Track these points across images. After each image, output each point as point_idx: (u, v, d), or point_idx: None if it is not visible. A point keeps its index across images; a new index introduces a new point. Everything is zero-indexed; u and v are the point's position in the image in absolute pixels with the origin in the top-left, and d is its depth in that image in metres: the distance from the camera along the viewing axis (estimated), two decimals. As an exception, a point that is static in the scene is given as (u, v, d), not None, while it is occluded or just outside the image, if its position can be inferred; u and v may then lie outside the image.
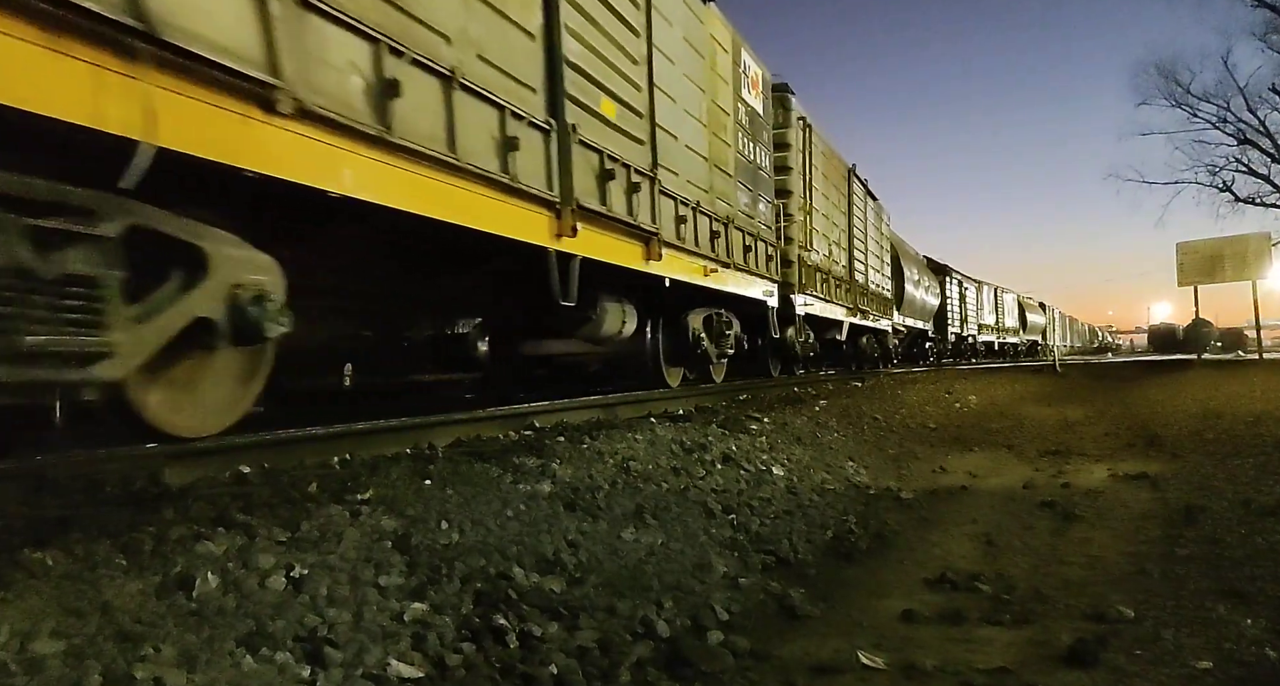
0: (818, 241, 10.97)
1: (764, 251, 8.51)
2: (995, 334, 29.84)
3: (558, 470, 2.77)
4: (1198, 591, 2.16)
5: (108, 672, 1.24)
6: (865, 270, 14.27)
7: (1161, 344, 40.99)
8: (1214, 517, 3.00)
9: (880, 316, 15.41)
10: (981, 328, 27.65)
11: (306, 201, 2.88)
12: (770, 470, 3.70)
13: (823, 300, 11.02)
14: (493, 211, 3.79)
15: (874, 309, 14.80)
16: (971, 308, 26.40)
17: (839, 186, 12.79)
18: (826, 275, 11.37)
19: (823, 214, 11.48)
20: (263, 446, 2.80)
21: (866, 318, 13.99)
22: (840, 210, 12.76)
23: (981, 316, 27.86)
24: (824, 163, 11.64)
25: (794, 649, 1.84)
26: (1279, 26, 24.78)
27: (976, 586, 2.28)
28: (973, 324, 26.26)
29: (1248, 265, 16.20)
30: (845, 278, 12.72)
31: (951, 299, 23.90)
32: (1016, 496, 3.76)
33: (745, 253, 7.88)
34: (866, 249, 14.59)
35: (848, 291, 12.70)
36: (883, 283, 16.21)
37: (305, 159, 2.75)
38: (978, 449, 5.58)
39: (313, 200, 2.88)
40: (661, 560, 2.26)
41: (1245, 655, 1.71)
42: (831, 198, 12.11)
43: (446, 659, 1.54)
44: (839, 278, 12.18)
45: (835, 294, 11.79)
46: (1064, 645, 1.78)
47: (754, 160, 8.50)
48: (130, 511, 1.86)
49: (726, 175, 7.51)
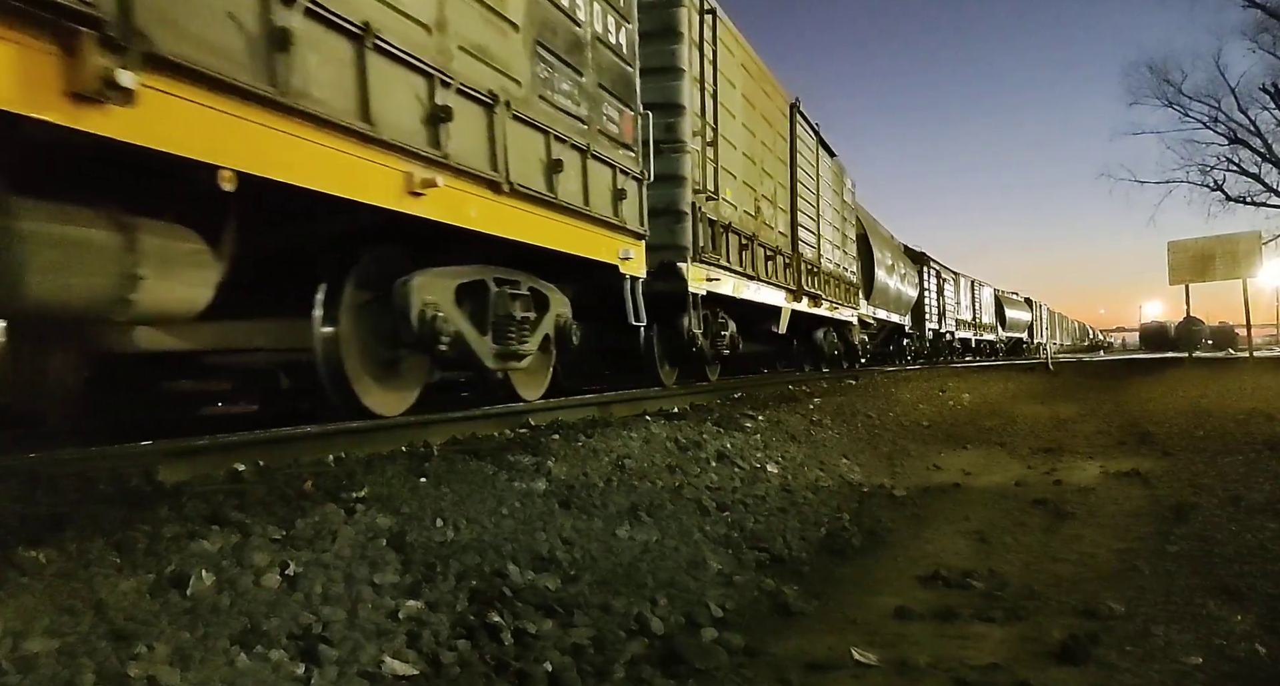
0: (731, 188, 7.84)
1: (608, 182, 5.29)
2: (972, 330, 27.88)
3: (553, 468, 2.77)
4: (1188, 588, 2.17)
5: (101, 671, 1.24)
6: (817, 243, 11.23)
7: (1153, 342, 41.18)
8: (1205, 515, 3.01)
9: (841, 304, 12.59)
10: (959, 323, 25.75)
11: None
12: (764, 467, 3.70)
13: (741, 275, 8.01)
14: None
15: (831, 294, 11.88)
16: (950, 301, 24.58)
17: (772, 121, 9.44)
18: (749, 241, 8.22)
19: (741, 151, 8.20)
20: (257, 444, 2.80)
21: (818, 304, 10.99)
22: (777, 157, 9.60)
23: (959, 311, 25.96)
24: (743, 78, 8.34)
25: (788, 646, 1.84)
26: (1269, 27, 24.92)
27: (969, 583, 2.30)
28: (950, 319, 24.43)
29: (1238, 264, 16.29)
30: (785, 250, 9.68)
31: (929, 291, 21.84)
32: (1009, 494, 3.77)
33: (551, 173, 4.53)
34: (819, 216, 11.48)
35: (788, 268, 9.74)
36: (845, 263, 13.34)
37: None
38: (971, 446, 5.60)
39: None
40: (656, 557, 2.27)
41: (1235, 651, 1.73)
42: (759, 133, 8.88)
43: (441, 656, 1.55)
44: (773, 248, 9.06)
45: (767, 270, 8.85)
46: (1056, 641, 1.79)
47: (594, 31, 5.19)
48: (124, 509, 1.86)
49: (500, 22, 4.17)
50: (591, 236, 5.17)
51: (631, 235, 5.73)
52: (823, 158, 12.03)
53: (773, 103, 9.60)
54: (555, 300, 5.01)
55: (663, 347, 6.96)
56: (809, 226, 10.94)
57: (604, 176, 5.33)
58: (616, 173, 5.47)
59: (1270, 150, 26.55)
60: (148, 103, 2.31)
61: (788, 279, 9.71)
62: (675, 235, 6.71)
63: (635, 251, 5.74)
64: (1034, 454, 5.17)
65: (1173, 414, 6.85)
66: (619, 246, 5.52)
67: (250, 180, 2.65)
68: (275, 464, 2.60)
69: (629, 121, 5.72)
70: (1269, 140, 26.50)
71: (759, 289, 8.60)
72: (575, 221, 4.93)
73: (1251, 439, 4.91)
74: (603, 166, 5.28)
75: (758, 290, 8.54)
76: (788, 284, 9.66)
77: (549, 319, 4.90)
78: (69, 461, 2.41)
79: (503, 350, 4.41)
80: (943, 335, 23.43)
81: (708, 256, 7.00)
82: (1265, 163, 26.83)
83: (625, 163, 5.59)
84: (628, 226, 5.62)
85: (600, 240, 5.29)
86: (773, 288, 9.02)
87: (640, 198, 5.90)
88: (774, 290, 9.07)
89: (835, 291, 12.24)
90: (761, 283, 8.65)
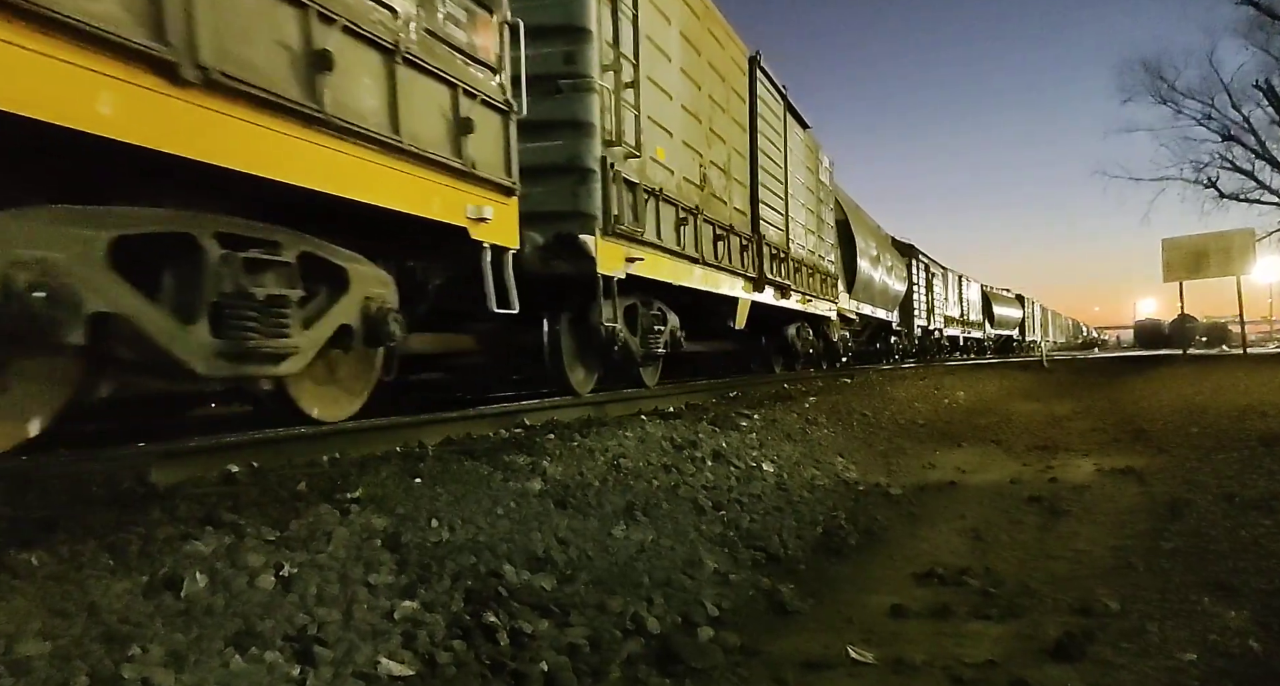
0: (664, 147, 6.22)
1: (442, 105, 3.72)
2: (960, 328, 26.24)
3: (548, 468, 2.76)
4: (1183, 584, 2.18)
5: (95, 673, 1.23)
6: (785, 225, 9.60)
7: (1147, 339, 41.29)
8: (1199, 511, 3.02)
9: (817, 297, 10.96)
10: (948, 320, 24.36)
11: None
12: (760, 467, 3.71)
13: (679, 257, 6.36)
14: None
15: (804, 285, 10.25)
16: (939, 297, 23.08)
17: (724, 74, 7.74)
18: (691, 215, 6.59)
19: (680, 104, 6.56)
20: (251, 445, 2.78)
21: (786, 296, 9.31)
22: (732, 119, 7.99)
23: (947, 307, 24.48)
24: (681, 12, 6.72)
25: (784, 644, 1.84)
26: (1262, 24, 24.99)
27: (965, 581, 2.30)
28: (939, 316, 23.00)
29: (1232, 261, 16.35)
30: (743, 230, 8.02)
31: (919, 285, 20.33)
32: (1004, 492, 3.78)
33: (313, 70, 2.96)
34: (788, 194, 9.79)
35: (746, 251, 8.03)
36: (822, 251, 11.62)
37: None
38: (966, 444, 5.61)
39: None
40: (652, 557, 2.27)
41: (1230, 647, 1.73)
42: (706, 85, 7.19)
43: (437, 657, 1.54)
44: (725, 226, 7.40)
45: (718, 252, 7.22)
46: (1051, 638, 1.79)
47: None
48: (117, 511, 1.85)
49: None
50: (408, 181, 3.45)
51: (491, 187, 3.98)
52: (793, 128, 10.27)
53: (725, 52, 7.83)
54: (360, 277, 3.47)
55: (574, 346, 5.42)
56: (775, 204, 9.14)
57: (435, 96, 3.64)
58: (459, 94, 3.76)
59: (1264, 147, 26.64)
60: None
61: (747, 264, 8.00)
62: (577, 199, 4.98)
63: (498, 211, 3.99)
64: (1029, 451, 5.19)
65: (1167, 411, 6.87)
66: (465, 201, 3.81)
67: None
68: (269, 465, 2.59)
69: (487, 29, 4.10)
70: (1262, 137, 26.60)
71: (707, 275, 6.93)
72: (370, 152, 3.21)
73: (1246, 435, 4.92)
74: (433, 81, 3.61)
75: (705, 276, 6.90)
76: (746, 270, 7.97)
77: (346, 303, 3.37)
78: (61, 463, 2.40)
79: (233, 347, 2.83)
80: (931, 333, 22.09)
81: (626, 229, 5.25)
82: (1259, 160, 26.93)
83: (477, 83, 3.90)
84: (479, 173, 3.85)
85: (427, 189, 3.56)
86: (726, 274, 7.42)
87: (506, 137, 4.16)
88: (728, 277, 7.48)
89: (809, 282, 10.53)
90: (710, 267, 6.99)
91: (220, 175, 2.66)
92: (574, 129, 5.06)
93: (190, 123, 2.50)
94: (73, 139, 2.21)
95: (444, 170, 3.67)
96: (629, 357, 5.87)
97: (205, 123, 2.54)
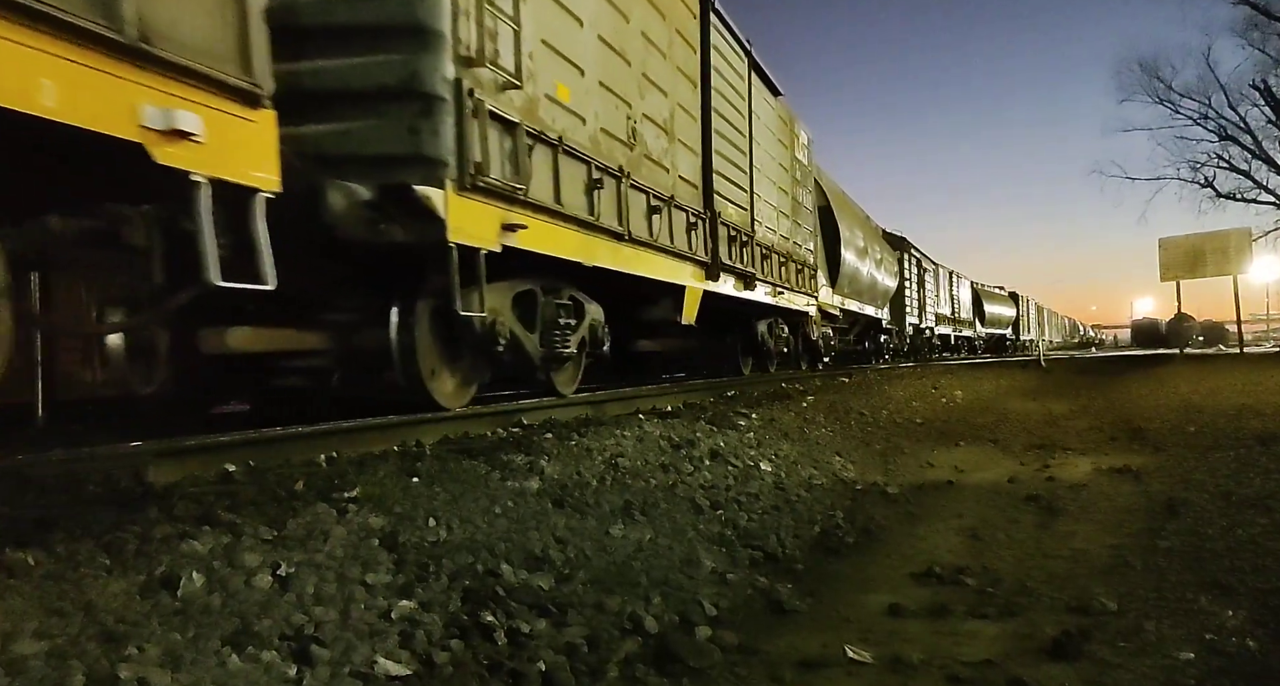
0: (568, 84, 4.71)
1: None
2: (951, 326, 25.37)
3: (546, 467, 2.76)
4: (1179, 583, 2.18)
5: (91, 673, 1.23)
6: (750, 204, 8.18)
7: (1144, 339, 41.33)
8: (1195, 510, 3.03)
9: (792, 290, 9.65)
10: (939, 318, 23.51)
11: None
12: (758, 466, 3.71)
13: (589, 229, 4.88)
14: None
15: (774, 276, 8.93)
16: (930, 293, 22.11)
17: (664, 9, 6.25)
18: (615, 178, 5.20)
19: (594, 31, 5.04)
20: (248, 444, 2.78)
21: (751, 286, 7.98)
22: (676, 69, 6.47)
23: (939, 305, 23.58)
24: None
25: (781, 643, 1.84)
26: (1259, 24, 25.04)
27: (962, 580, 2.30)
28: (930, 313, 22.05)
29: (1229, 260, 16.38)
30: (691, 205, 6.61)
31: (910, 281, 19.28)
32: (1002, 491, 3.79)
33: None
34: (751, 166, 8.29)
35: (694, 230, 6.60)
36: (797, 237, 10.21)
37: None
38: (964, 444, 5.62)
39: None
40: (650, 556, 2.27)
41: (1226, 646, 1.73)
42: (636, 17, 5.68)
43: (434, 656, 1.54)
44: (663, 197, 5.95)
45: (654, 228, 5.76)
46: (1048, 637, 1.80)
47: None
48: (114, 510, 1.85)
49: None
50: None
51: (202, 82, 2.48)
52: (760, 92, 8.89)
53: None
54: None
55: (436, 346, 4.12)
56: (735, 178, 7.75)
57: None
58: None
59: (1260, 147, 26.70)
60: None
61: (696, 246, 6.61)
62: (417, 138, 3.54)
63: (222, 128, 2.54)
64: (1026, 450, 5.19)
65: (1164, 410, 6.88)
66: (136, 97, 2.28)
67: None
68: (266, 464, 2.59)
69: None
70: (1259, 137, 26.66)
71: (637, 255, 5.50)
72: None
73: (1242, 434, 4.93)
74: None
75: (635, 257, 5.46)
76: (695, 253, 6.59)
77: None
78: (58, 462, 2.39)
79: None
80: (923, 331, 21.17)
81: (500, 184, 3.85)
82: (1255, 159, 26.99)
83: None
84: (166, 53, 2.33)
85: (29, 63, 2.00)
86: (666, 257, 5.99)
87: (240, 4, 2.62)
88: (668, 260, 6.04)
89: (781, 272, 9.27)
90: (642, 247, 5.56)
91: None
92: (410, 37, 3.54)
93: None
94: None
95: (65, 34, 2.06)
96: (523, 361, 4.65)
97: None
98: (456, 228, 3.63)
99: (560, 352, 4.91)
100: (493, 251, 3.91)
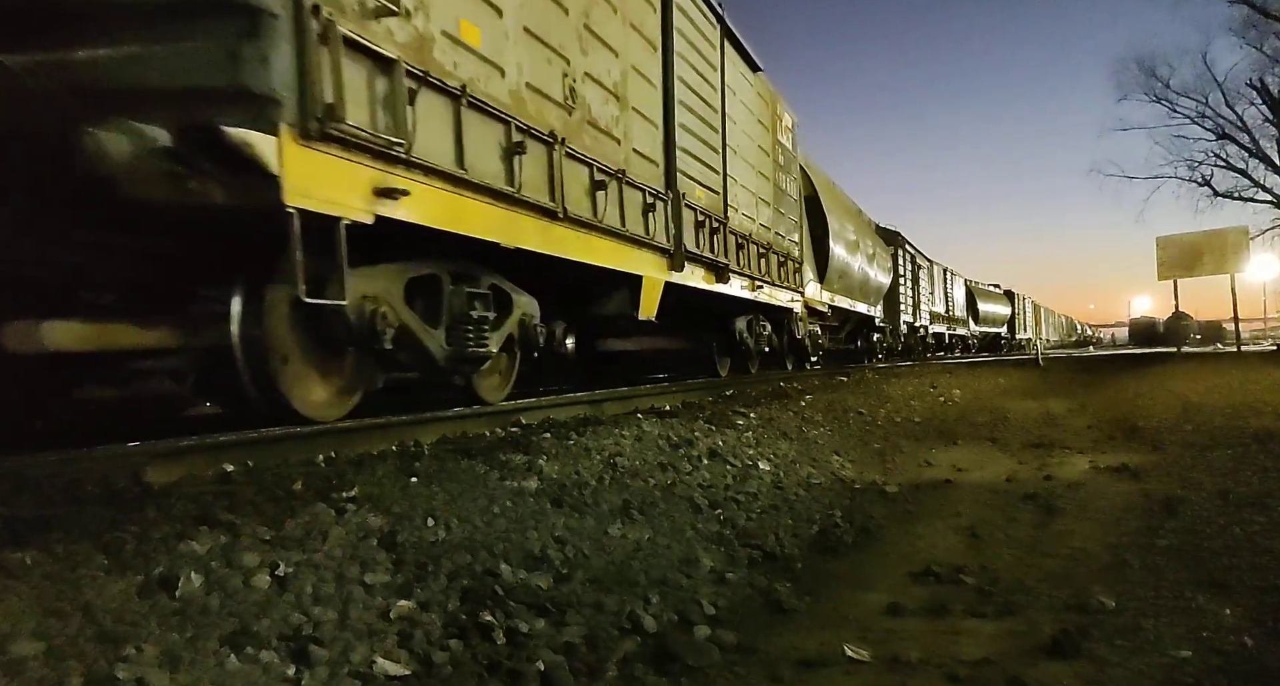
0: (470, 19, 3.80)
1: None
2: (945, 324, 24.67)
3: (544, 467, 2.76)
4: (1177, 581, 2.18)
5: (89, 673, 1.23)
6: (723, 187, 7.38)
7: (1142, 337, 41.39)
8: (1193, 509, 3.03)
9: (773, 284, 8.90)
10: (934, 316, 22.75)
11: None
12: (756, 465, 3.71)
13: (508, 202, 4.08)
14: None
15: (753, 268, 8.19)
16: (925, 291, 21.46)
17: None
18: (538, 143, 4.37)
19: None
20: (246, 444, 2.78)
21: (723, 279, 7.20)
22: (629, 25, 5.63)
23: (934, 303, 22.86)
24: None
25: (780, 643, 1.84)
26: (1256, 22, 25.10)
27: (960, 579, 2.30)
28: (925, 311, 21.26)
29: (1226, 259, 16.43)
30: (650, 183, 5.80)
31: (905, 278, 18.58)
32: (1000, 489, 3.79)
33: None
34: (725, 146, 7.48)
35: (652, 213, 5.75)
36: (780, 227, 9.44)
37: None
38: (962, 442, 5.62)
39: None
40: (648, 555, 2.27)
41: (1224, 644, 1.74)
42: None
43: (433, 656, 1.54)
44: (613, 171, 5.16)
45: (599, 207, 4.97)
46: (1046, 636, 1.80)
47: None
48: (111, 510, 1.84)
49: None
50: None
51: None
52: (735, 64, 7.99)
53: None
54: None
55: (300, 341, 3.36)
56: (705, 157, 6.90)
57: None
58: None
59: (1257, 145, 26.77)
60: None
61: (654, 231, 5.72)
62: (236, 65, 2.68)
63: None
64: (1025, 449, 5.20)
65: (1161, 408, 6.89)
66: None
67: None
68: (264, 464, 2.59)
69: None
70: (1256, 135, 26.74)
71: (578, 238, 4.68)
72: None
73: (1240, 433, 4.94)
74: None
75: (575, 241, 4.64)
76: (654, 238, 5.71)
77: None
78: (55, 463, 2.39)
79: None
80: (918, 330, 20.43)
81: (368, 135, 3.08)
82: (1252, 158, 27.06)
83: None
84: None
85: None
86: (618, 242, 5.15)
87: None
88: (619, 246, 5.16)
89: (761, 265, 8.45)
90: (583, 228, 4.74)
91: None
92: None
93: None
94: None
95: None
96: (425, 362, 3.88)
97: None
98: (298, 188, 2.78)
99: (474, 352, 4.06)
100: (361, 223, 3.06)
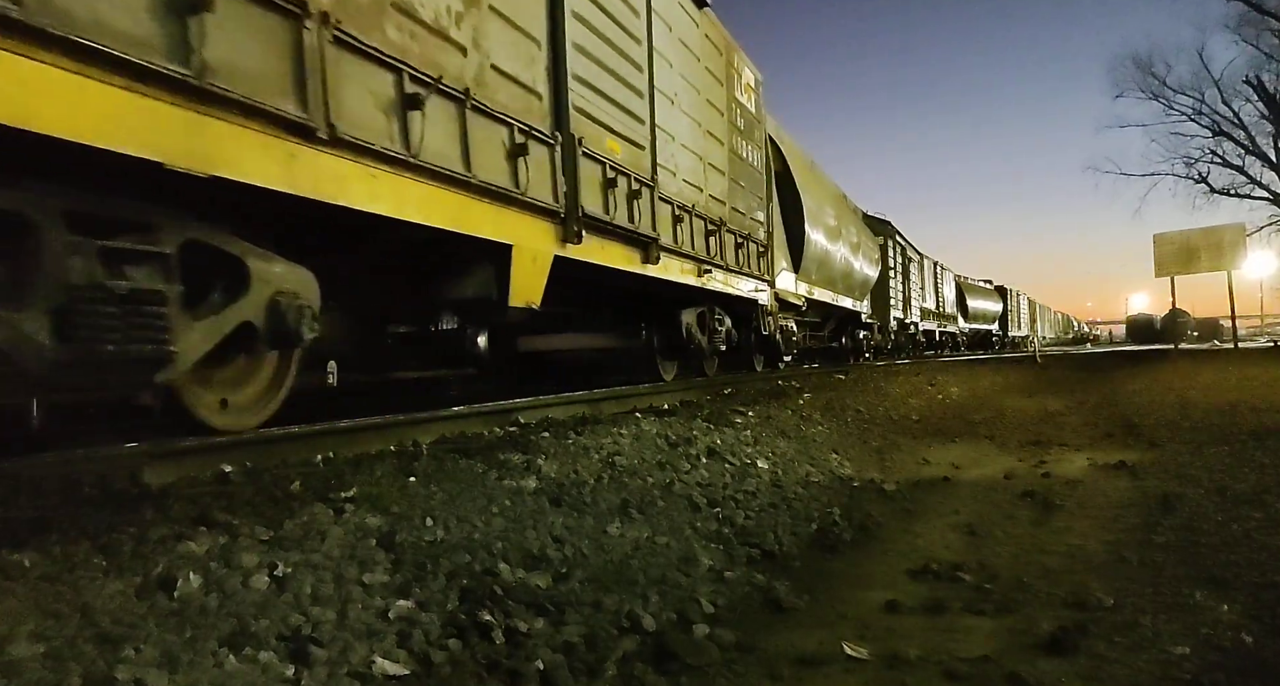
0: None
1: None
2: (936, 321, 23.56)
3: (543, 466, 2.76)
4: (1175, 578, 2.19)
5: (88, 674, 1.23)
6: (649, 142, 5.63)
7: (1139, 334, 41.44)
8: (1191, 505, 3.04)
9: (730, 270, 7.38)
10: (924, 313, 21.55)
11: None
12: (755, 463, 3.71)
13: (189, 101, 2.27)
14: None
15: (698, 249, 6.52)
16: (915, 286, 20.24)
17: None
18: (300, 18, 2.60)
19: None
20: (244, 445, 2.78)
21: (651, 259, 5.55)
22: None
23: (924, 298, 21.65)
24: None
25: (779, 641, 1.85)
26: (1252, 19, 25.14)
27: (959, 576, 2.31)
28: (915, 307, 20.12)
29: (1223, 256, 16.45)
30: (520, 120, 3.97)
31: (895, 271, 17.34)
32: (998, 486, 3.79)
33: None
34: (653, 88, 5.74)
35: (523, 156, 3.96)
36: (739, 203, 7.82)
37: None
38: (960, 440, 5.63)
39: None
40: (647, 554, 2.27)
41: (1222, 640, 1.74)
42: None
43: (432, 656, 1.54)
44: (433, 84, 3.26)
45: (409, 137, 3.16)
46: (1045, 633, 1.80)
47: None
48: (109, 512, 1.84)
49: None
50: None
51: None
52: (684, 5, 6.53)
53: None
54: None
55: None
56: (621, 98, 5.22)
57: None
58: None
59: (1254, 142, 26.82)
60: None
61: (532, 184, 4.07)
62: None
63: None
64: (1022, 447, 5.20)
65: (1159, 405, 6.90)
66: None
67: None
68: (262, 464, 2.58)
69: None
70: (1252, 132, 26.78)
71: (363, 176, 2.99)
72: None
73: (1237, 429, 4.95)
74: None
75: (353, 178, 2.95)
76: (533, 196, 4.10)
77: None
78: (53, 464, 2.38)
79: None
80: (908, 327, 19.11)
81: None
82: (1249, 155, 27.11)
83: None
84: None
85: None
86: (460, 191, 3.57)
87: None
88: (467, 199, 3.62)
89: (712, 245, 6.83)
90: (375, 161, 3.04)
91: None
92: None
93: None
94: None
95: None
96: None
97: None
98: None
99: (138, 352, 2.36)
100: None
